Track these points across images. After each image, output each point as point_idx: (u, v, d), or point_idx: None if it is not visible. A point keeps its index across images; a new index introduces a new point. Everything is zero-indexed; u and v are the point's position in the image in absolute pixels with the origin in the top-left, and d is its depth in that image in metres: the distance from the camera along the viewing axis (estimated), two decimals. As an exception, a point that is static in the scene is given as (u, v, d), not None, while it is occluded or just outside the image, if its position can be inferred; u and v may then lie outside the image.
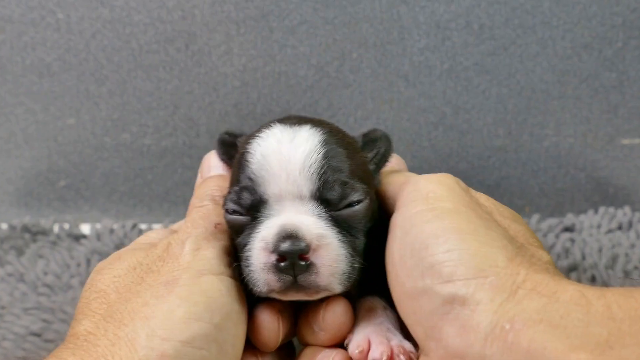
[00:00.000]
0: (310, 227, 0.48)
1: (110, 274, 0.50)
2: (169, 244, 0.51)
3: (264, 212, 0.50)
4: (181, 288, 0.46)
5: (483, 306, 0.42)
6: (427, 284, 0.45)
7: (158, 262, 0.49)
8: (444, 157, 1.07)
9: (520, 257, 0.45)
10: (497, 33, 1.01)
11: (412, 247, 0.47)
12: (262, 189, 0.50)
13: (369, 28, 1.01)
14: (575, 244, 0.93)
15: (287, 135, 0.51)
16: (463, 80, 1.03)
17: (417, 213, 0.49)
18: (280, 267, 0.47)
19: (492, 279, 0.43)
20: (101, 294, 0.48)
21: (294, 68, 1.02)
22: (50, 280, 0.87)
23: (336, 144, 0.52)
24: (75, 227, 1.01)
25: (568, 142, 1.06)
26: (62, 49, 1.02)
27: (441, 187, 0.51)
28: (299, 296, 0.50)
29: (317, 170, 0.50)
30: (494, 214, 0.52)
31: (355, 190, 0.51)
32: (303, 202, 0.50)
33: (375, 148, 0.58)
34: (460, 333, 0.42)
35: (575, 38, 1.01)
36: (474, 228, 0.47)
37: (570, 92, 1.04)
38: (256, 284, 0.49)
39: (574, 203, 1.08)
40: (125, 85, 1.03)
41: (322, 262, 0.48)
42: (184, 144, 1.06)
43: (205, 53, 1.02)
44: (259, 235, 0.49)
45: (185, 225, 0.53)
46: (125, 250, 0.53)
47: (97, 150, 1.06)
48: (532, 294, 0.41)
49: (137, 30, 1.01)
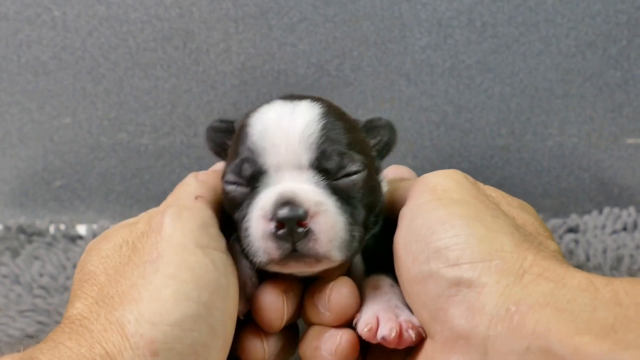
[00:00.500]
0: (307, 194, 0.49)
1: (98, 254, 0.50)
2: (149, 216, 0.51)
3: (263, 183, 0.51)
4: (166, 265, 0.46)
5: (489, 288, 0.43)
6: (432, 268, 0.46)
7: (142, 239, 0.50)
8: (446, 156, 1.06)
9: (528, 244, 0.46)
10: (500, 31, 1.01)
11: (418, 233, 0.48)
12: (262, 159, 0.51)
13: (369, 26, 1.01)
14: (580, 245, 0.93)
15: (287, 109, 0.53)
16: (465, 79, 1.03)
17: (424, 203, 0.50)
18: (279, 234, 0.48)
19: (497, 262, 0.44)
20: (91, 275, 0.49)
21: (293, 66, 1.02)
22: (46, 281, 0.86)
23: (335, 117, 0.54)
24: (71, 227, 1.01)
25: (572, 141, 1.05)
26: (58, 47, 1.02)
27: (448, 180, 0.52)
28: (298, 267, 0.50)
29: (315, 140, 0.51)
30: (502, 204, 0.53)
31: (354, 161, 0.52)
32: (301, 171, 0.51)
33: (379, 135, 0.59)
34: (465, 315, 0.43)
35: (580, 36, 1.01)
36: (480, 215, 0.48)
37: (574, 90, 1.03)
38: (256, 254, 0.50)
39: (578, 203, 1.08)
40: (122, 83, 1.03)
41: (320, 229, 0.49)
42: (182, 144, 1.06)
43: (203, 51, 1.02)
44: (258, 205, 0.50)
45: (165, 200, 0.53)
46: (112, 229, 0.54)
47: (94, 149, 1.06)
48: (539, 279, 0.42)
49: (134, 28, 1.01)
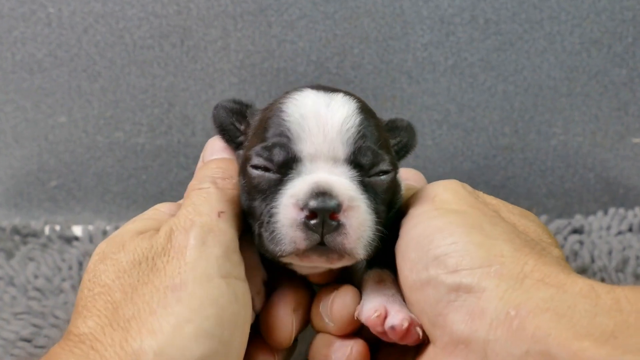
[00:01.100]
0: (343, 187, 0.50)
1: (114, 266, 0.49)
2: (171, 231, 0.50)
3: (296, 170, 0.51)
4: (190, 297, 0.46)
5: (489, 293, 0.43)
6: (431, 274, 0.47)
7: (163, 257, 0.48)
8: (448, 156, 1.06)
9: (529, 249, 0.46)
10: (503, 28, 1.01)
11: (416, 241, 0.49)
12: (297, 147, 0.51)
13: (370, 23, 1.01)
14: (584, 246, 0.93)
15: (323, 99, 0.53)
16: (468, 77, 1.03)
17: (422, 212, 0.51)
18: (310, 224, 0.48)
19: (497, 267, 0.44)
20: (106, 289, 0.48)
21: (293, 64, 1.02)
22: (40, 283, 0.86)
23: (368, 114, 0.54)
24: (66, 228, 1.00)
25: (576, 140, 1.05)
26: (53, 45, 1.02)
27: (446, 191, 0.53)
28: (320, 261, 0.50)
29: (353, 135, 0.51)
30: (502, 211, 0.53)
31: (385, 161, 0.52)
32: (337, 164, 0.51)
33: (399, 136, 0.59)
34: (465, 319, 0.44)
35: (584, 33, 1.01)
36: (479, 223, 0.48)
37: (579, 89, 1.03)
38: (280, 242, 0.49)
39: (583, 204, 1.08)
40: (118, 81, 1.03)
41: (351, 224, 0.49)
42: (179, 143, 1.06)
43: (201, 49, 1.02)
44: (289, 192, 0.50)
45: (185, 210, 0.51)
46: (129, 235, 0.51)
47: (90, 149, 1.06)
48: (540, 284, 0.43)
49: (131, 25, 1.01)
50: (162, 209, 0.56)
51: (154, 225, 0.52)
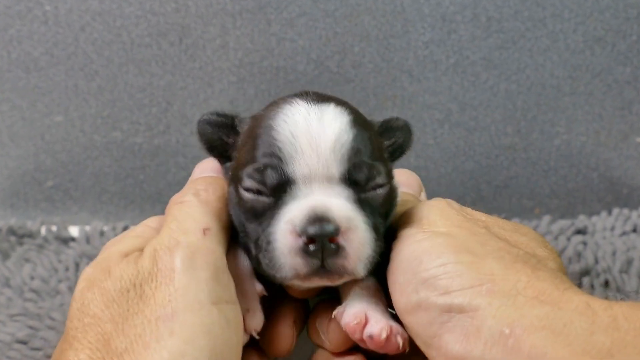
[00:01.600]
0: (340, 210, 0.49)
1: (103, 295, 0.48)
2: (155, 252, 0.49)
3: (290, 194, 0.50)
4: (182, 327, 0.45)
5: (482, 311, 0.43)
6: (421, 297, 0.46)
7: (150, 283, 0.47)
8: (450, 156, 1.06)
9: (521, 264, 0.46)
10: (505, 26, 1.01)
11: (405, 264, 0.49)
12: (290, 168, 0.50)
13: (371, 20, 1.01)
14: (588, 247, 0.93)
15: (314, 114, 0.52)
16: (470, 76, 1.03)
17: (409, 235, 0.51)
18: (309, 250, 0.47)
19: (488, 285, 0.44)
20: (96, 319, 0.47)
21: (292, 62, 1.02)
22: (37, 285, 0.86)
23: (361, 125, 0.53)
24: (63, 229, 1.00)
25: (580, 140, 1.05)
26: (49, 43, 1.02)
27: (433, 211, 0.52)
28: (322, 282, 0.50)
29: (347, 152, 0.50)
30: (492, 227, 0.53)
31: (380, 173, 0.52)
32: (332, 183, 0.51)
33: (394, 137, 0.58)
34: (460, 339, 0.44)
35: (588, 31, 1.01)
36: (467, 245, 0.48)
37: (582, 87, 1.03)
38: (281, 270, 0.49)
39: (586, 204, 1.08)
40: (115, 80, 1.03)
41: (350, 246, 0.48)
42: (178, 142, 1.06)
43: (200, 47, 1.02)
44: (285, 218, 0.49)
45: (168, 228, 0.50)
46: (114, 259, 0.50)
47: (87, 148, 1.06)
48: (534, 302, 0.43)
49: (129, 23, 1.01)
50: (150, 224, 0.55)
51: (138, 245, 0.51)
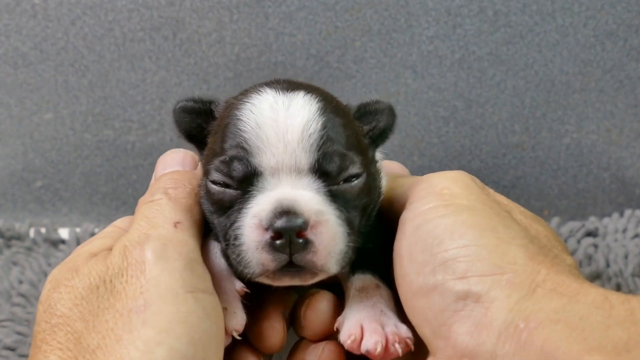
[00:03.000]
0: (308, 202, 0.49)
1: (70, 293, 0.47)
2: (124, 247, 0.48)
3: (257, 186, 0.50)
4: (156, 317, 0.44)
5: (498, 303, 0.43)
6: (438, 280, 0.46)
7: (120, 277, 0.47)
8: (455, 154, 1.06)
9: (542, 257, 0.46)
10: (513, 20, 1.01)
11: (424, 242, 0.48)
12: (256, 160, 0.50)
13: (373, 14, 1.01)
14: (599, 250, 0.93)
15: (281, 102, 0.51)
16: (476, 72, 1.03)
17: (430, 209, 0.49)
18: (276, 245, 0.47)
19: (509, 275, 0.44)
20: (64, 319, 0.46)
21: (291, 58, 1.02)
22: (25, 289, 0.86)
23: (333, 112, 0.52)
24: (52, 231, 1.00)
25: (590, 138, 1.05)
26: (38, 37, 1.02)
27: (456, 183, 0.51)
28: (293, 282, 0.50)
29: (316, 141, 0.50)
30: (514, 212, 0.53)
31: (353, 163, 0.51)
32: (300, 175, 0.50)
33: (374, 121, 0.57)
34: (471, 331, 0.44)
35: (599, 25, 1.01)
36: (492, 225, 0.48)
37: (593, 84, 1.03)
38: (248, 265, 0.48)
39: (597, 205, 1.08)
40: (107, 76, 1.03)
41: (320, 240, 0.48)
42: (172, 141, 1.06)
43: (195, 42, 1.02)
44: (252, 211, 0.49)
45: (138, 225, 0.49)
46: (82, 258, 0.50)
47: (77, 147, 1.06)
48: (552, 294, 0.42)
49: (121, 16, 1.01)
50: (119, 225, 0.55)
51: (107, 245, 0.51)
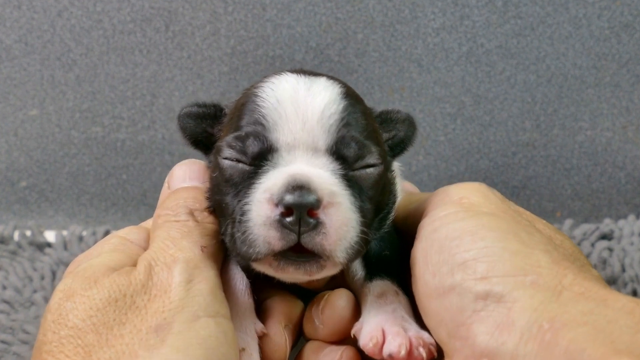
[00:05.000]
0: (323, 181, 0.49)
1: (85, 304, 0.47)
2: (150, 267, 0.49)
3: (271, 162, 0.51)
4: (176, 337, 0.45)
5: (522, 303, 0.44)
6: (456, 280, 0.47)
7: (143, 295, 0.48)
8: (463, 153, 1.06)
9: (568, 262, 0.47)
10: (523, 11, 1.01)
11: (441, 243, 0.49)
12: (273, 135, 0.50)
13: (376, 5, 1.01)
14: (614, 254, 0.93)
15: (303, 83, 0.52)
16: (484, 66, 1.03)
17: (448, 214, 0.50)
18: (285, 222, 0.47)
19: (533, 277, 0.45)
20: (75, 331, 0.46)
21: (290, 51, 1.02)
22: (9, 295, 0.86)
23: (354, 99, 0.53)
24: (38, 234, 1.00)
25: (605, 136, 1.05)
26: (23, 29, 1.01)
27: (475, 193, 0.53)
28: (297, 274, 0.50)
29: (335, 123, 0.51)
30: (536, 222, 0.54)
31: (372, 153, 0.52)
32: (317, 154, 0.51)
33: (394, 130, 0.58)
34: (491, 331, 0.44)
35: (614, 17, 1.01)
36: (514, 230, 0.48)
37: (608, 78, 1.03)
38: (253, 244, 0.48)
39: (612, 206, 1.08)
40: (96, 70, 1.03)
41: (331, 223, 0.48)
42: (164, 139, 1.06)
43: (188, 34, 1.02)
44: (263, 186, 0.49)
45: (163, 244, 0.51)
46: (102, 270, 0.50)
47: (64, 145, 1.06)
48: (580, 297, 0.43)
49: (110, 7, 1.01)
50: (130, 237, 0.55)
51: (126, 260, 0.51)
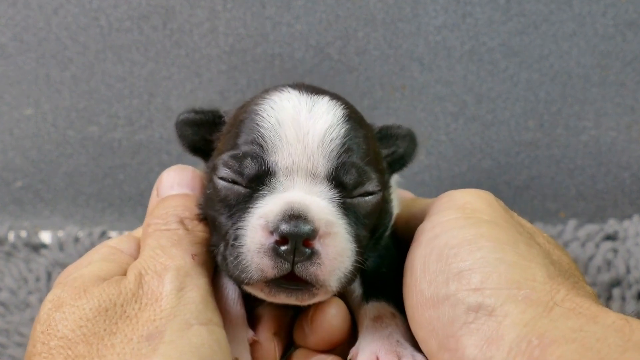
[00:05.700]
0: (320, 211, 0.49)
1: (75, 314, 0.47)
2: (140, 275, 0.49)
3: (268, 186, 0.50)
4: (168, 346, 0.45)
5: (512, 318, 0.44)
6: (451, 290, 0.47)
7: (133, 304, 0.48)
8: (465, 153, 1.06)
9: (563, 278, 0.47)
10: (526, 8, 1.01)
11: (440, 251, 0.49)
12: (272, 158, 0.50)
13: (377, 2, 1.01)
14: (619, 255, 0.93)
15: (305, 103, 0.52)
16: (487, 64, 1.03)
17: (449, 220, 0.50)
18: (279, 251, 0.47)
19: (526, 291, 0.45)
20: (65, 342, 0.46)
21: (289, 49, 1.02)
22: (4, 297, 0.86)
23: (356, 123, 0.53)
24: (33, 234, 1.00)
25: (610, 135, 1.05)
26: (18, 27, 1.02)
27: (479, 200, 0.52)
28: (289, 300, 0.50)
29: (337, 148, 0.51)
30: (537, 235, 0.54)
31: (371, 180, 0.52)
32: (315, 181, 0.51)
33: (394, 146, 0.58)
34: (480, 344, 0.44)
35: (619, 14, 1.01)
36: (513, 241, 0.48)
37: (613, 77, 1.03)
38: (246, 270, 0.48)
39: (617, 207, 1.08)
40: (92, 69, 1.03)
41: (327, 253, 0.48)
42: (161, 138, 1.06)
43: (186, 32, 1.02)
44: (259, 212, 0.49)
45: (153, 253, 0.51)
46: (91, 280, 0.50)
47: (60, 145, 1.06)
48: (570, 314, 0.43)
49: (106, 4, 1.01)
50: (120, 247, 0.55)
51: (116, 270, 0.52)
